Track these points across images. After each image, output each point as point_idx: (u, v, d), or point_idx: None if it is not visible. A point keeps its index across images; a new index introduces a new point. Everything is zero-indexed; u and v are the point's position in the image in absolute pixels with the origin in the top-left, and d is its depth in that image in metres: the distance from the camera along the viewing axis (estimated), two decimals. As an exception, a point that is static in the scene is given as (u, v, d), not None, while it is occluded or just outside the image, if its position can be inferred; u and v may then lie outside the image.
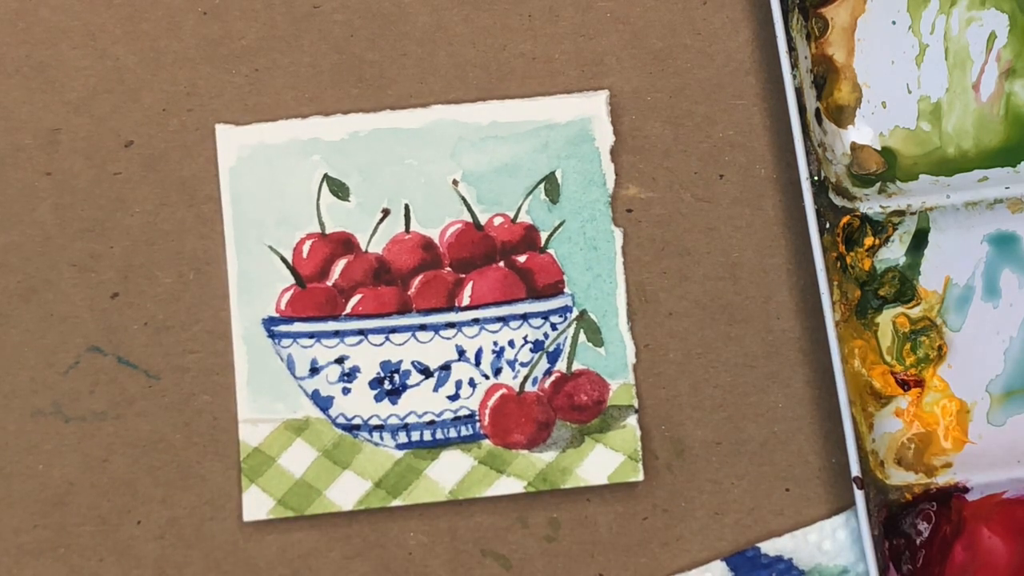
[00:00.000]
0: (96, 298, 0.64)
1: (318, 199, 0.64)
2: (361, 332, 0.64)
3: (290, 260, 0.64)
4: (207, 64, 0.65)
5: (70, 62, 0.65)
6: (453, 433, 0.64)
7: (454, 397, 0.64)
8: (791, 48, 0.63)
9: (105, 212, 0.64)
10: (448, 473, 0.64)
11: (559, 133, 0.64)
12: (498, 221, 0.64)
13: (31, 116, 0.64)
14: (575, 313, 0.64)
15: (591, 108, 0.64)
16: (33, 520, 0.63)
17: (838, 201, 0.64)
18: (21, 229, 0.64)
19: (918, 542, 0.63)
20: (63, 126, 0.64)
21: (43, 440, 0.63)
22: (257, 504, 0.63)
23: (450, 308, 0.64)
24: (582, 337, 0.64)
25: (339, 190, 0.64)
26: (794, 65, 0.63)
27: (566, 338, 0.64)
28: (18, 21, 0.65)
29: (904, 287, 0.64)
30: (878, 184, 0.65)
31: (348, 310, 0.64)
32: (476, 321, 0.64)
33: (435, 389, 0.64)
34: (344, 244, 0.64)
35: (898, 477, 0.63)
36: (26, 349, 0.64)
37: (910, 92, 0.65)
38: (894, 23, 0.65)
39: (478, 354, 0.64)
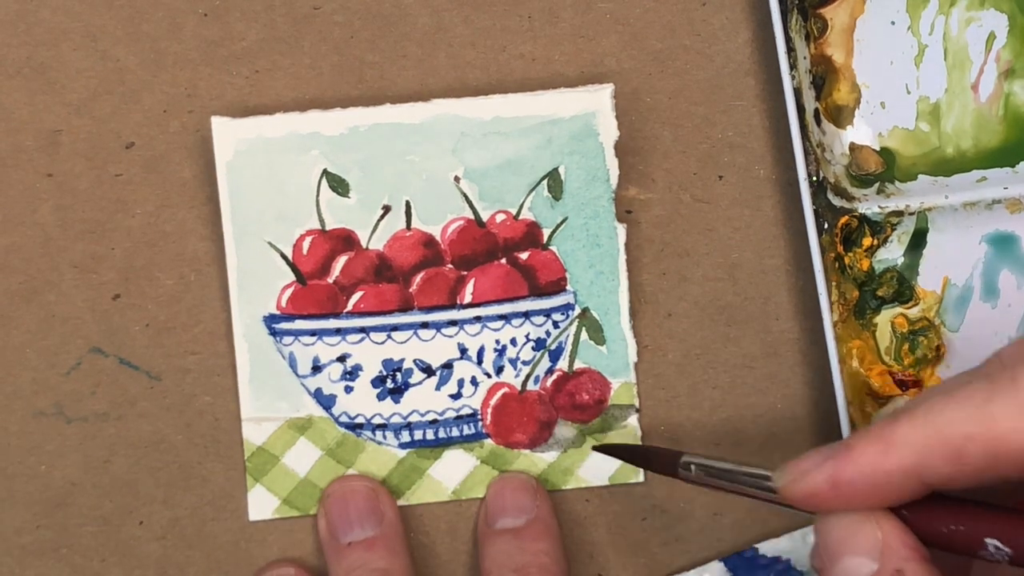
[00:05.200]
0: (97, 299, 0.64)
1: (317, 195, 0.64)
2: (363, 330, 0.64)
3: (290, 257, 0.64)
4: (207, 65, 0.65)
5: (71, 64, 0.65)
6: (456, 432, 0.64)
7: (456, 396, 0.64)
8: (790, 49, 0.63)
9: (106, 213, 0.64)
10: (451, 473, 0.64)
11: (563, 128, 0.64)
12: (500, 218, 0.64)
13: (32, 117, 0.64)
14: (577, 311, 0.64)
15: (595, 103, 0.64)
16: (35, 520, 0.63)
17: (836, 202, 0.64)
18: (22, 231, 0.64)
19: (916, 542, 0.63)
20: (64, 127, 0.64)
21: (45, 441, 0.64)
22: (262, 503, 0.63)
23: (452, 306, 0.64)
24: (584, 335, 0.64)
25: (339, 186, 0.64)
26: (793, 66, 0.63)
27: (568, 336, 0.64)
28: (19, 23, 0.65)
29: (902, 287, 0.64)
30: (877, 184, 0.65)
31: (349, 307, 0.64)
32: (478, 319, 0.64)
33: (437, 388, 0.64)
34: (344, 241, 0.64)
35: (896, 477, 0.63)
36: (28, 350, 0.64)
37: (909, 92, 0.65)
38: (893, 23, 0.65)
39: (480, 352, 0.64)
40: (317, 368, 0.64)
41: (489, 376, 0.64)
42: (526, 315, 0.64)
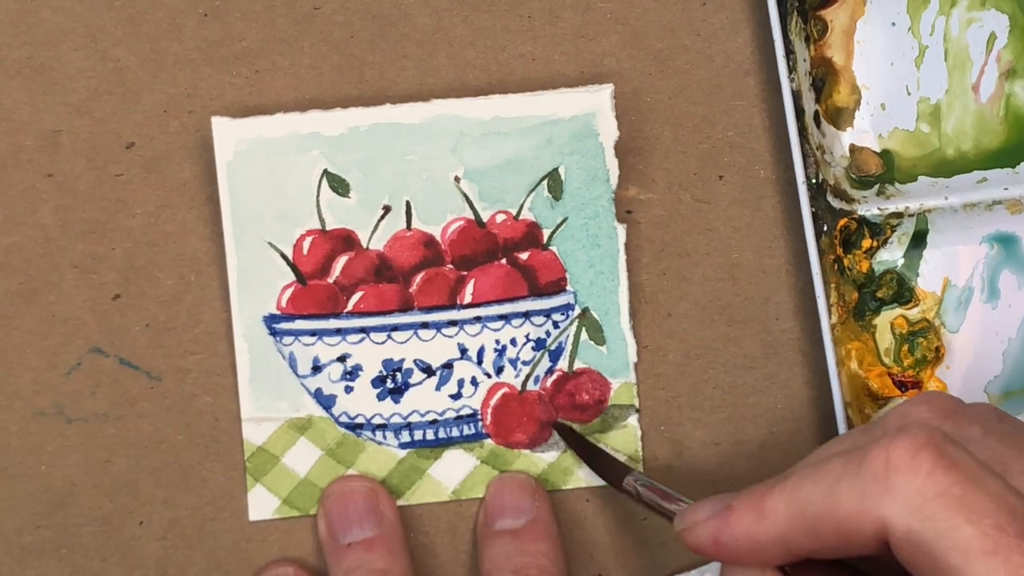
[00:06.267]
0: (98, 300, 0.64)
1: (318, 195, 0.64)
2: (363, 330, 0.64)
3: (290, 257, 0.64)
4: (208, 66, 0.65)
5: (71, 64, 0.65)
6: (456, 432, 0.64)
7: (456, 396, 0.64)
8: (789, 51, 0.63)
9: (106, 214, 0.64)
10: (451, 473, 0.64)
11: (563, 128, 0.64)
12: (500, 218, 0.64)
13: (32, 118, 0.64)
14: (577, 311, 0.64)
15: (595, 103, 0.64)
16: (36, 521, 0.63)
17: (836, 204, 0.64)
18: (23, 231, 0.64)
19: (916, 543, 0.63)
20: (64, 128, 0.64)
21: (45, 441, 0.64)
22: (263, 503, 0.63)
23: (452, 306, 0.64)
24: (584, 335, 0.64)
25: (339, 186, 0.64)
26: (792, 68, 0.63)
27: (568, 336, 0.64)
28: (19, 23, 0.65)
29: (902, 289, 0.64)
30: (877, 186, 0.65)
31: (349, 307, 0.64)
32: (478, 319, 0.64)
33: (437, 388, 0.64)
34: (345, 241, 0.64)
35: (896, 478, 0.63)
36: (28, 350, 0.64)
37: (909, 94, 0.65)
38: (894, 25, 0.65)
39: (480, 352, 0.64)
40: (317, 368, 0.63)
41: (489, 376, 0.64)
42: (526, 315, 0.64)
